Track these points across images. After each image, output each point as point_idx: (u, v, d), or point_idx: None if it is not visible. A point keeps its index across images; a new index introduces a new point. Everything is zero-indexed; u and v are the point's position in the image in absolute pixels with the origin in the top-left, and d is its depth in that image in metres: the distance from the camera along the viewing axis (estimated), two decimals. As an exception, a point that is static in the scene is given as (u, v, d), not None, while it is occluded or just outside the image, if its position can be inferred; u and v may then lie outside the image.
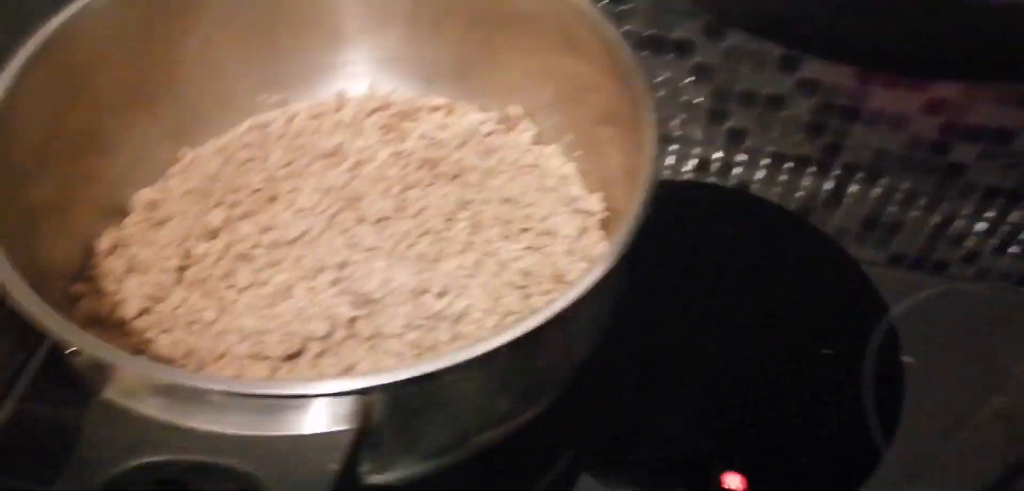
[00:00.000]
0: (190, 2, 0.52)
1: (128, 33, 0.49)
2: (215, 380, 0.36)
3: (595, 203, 0.52)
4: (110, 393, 0.34)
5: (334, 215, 0.50)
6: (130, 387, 0.34)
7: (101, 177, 0.50)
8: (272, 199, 0.51)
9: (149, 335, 0.45)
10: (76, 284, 0.47)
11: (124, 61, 0.49)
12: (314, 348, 0.45)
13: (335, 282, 0.46)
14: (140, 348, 0.44)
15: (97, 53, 0.48)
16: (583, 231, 0.51)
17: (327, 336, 0.45)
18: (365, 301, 0.46)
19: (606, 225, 0.51)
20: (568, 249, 0.50)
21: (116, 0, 0.48)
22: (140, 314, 0.45)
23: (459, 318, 0.46)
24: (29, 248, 0.41)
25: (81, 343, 0.34)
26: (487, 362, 0.35)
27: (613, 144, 0.50)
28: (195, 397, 0.33)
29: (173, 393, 0.33)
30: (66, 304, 0.45)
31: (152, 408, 0.34)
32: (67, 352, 0.35)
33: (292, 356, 0.45)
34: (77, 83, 0.47)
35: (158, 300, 0.46)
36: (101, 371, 0.34)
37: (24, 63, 0.43)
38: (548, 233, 0.51)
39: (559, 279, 0.49)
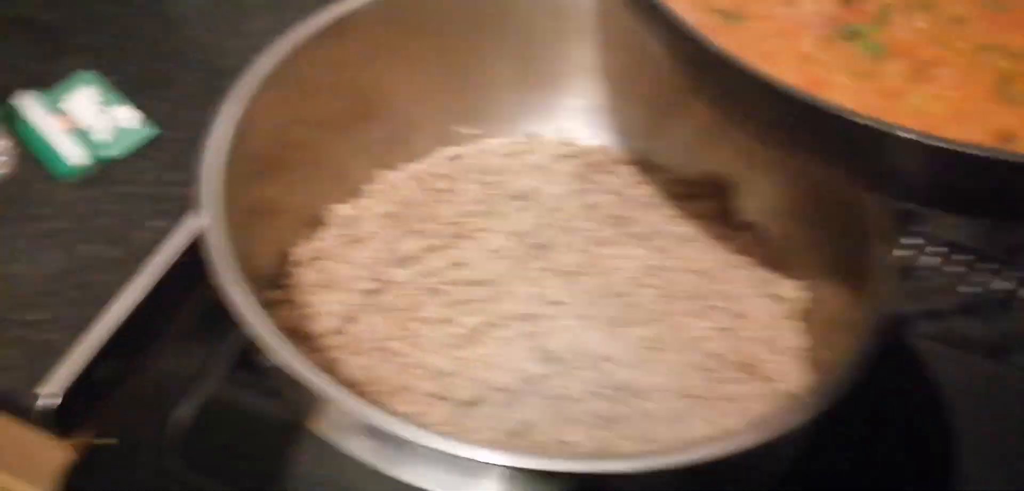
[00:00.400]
0: (401, 35, 0.52)
1: (345, 61, 0.50)
2: (458, 445, 0.34)
3: (793, 290, 0.49)
4: (317, 422, 0.35)
5: (524, 261, 0.50)
6: (339, 424, 0.34)
7: (305, 188, 0.51)
8: (463, 235, 0.51)
9: (338, 355, 0.46)
10: (273, 291, 0.48)
11: (338, 85, 0.51)
12: (495, 398, 0.44)
13: (523, 334, 0.46)
14: (329, 367, 0.45)
15: (318, 79, 0.49)
16: (778, 318, 0.49)
17: (510, 389, 0.44)
18: (551, 359, 0.45)
19: (807, 315, 0.48)
20: (761, 336, 0.48)
21: (337, 30, 0.49)
22: (331, 332, 0.46)
23: (643, 393, 0.45)
24: (242, 251, 0.42)
25: (317, 382, 0.34)
26: (693, 472, 0.33)
27: (821, 228, 0.48)
28: (411, 450, 0.32)
29: (385, 439, 0.33)
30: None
31: (358, 448, 0.34)
32: (285, 377, 0.35)
33: (472, 403, 0.44)
34: (299, 102, 0.48)
35: (350, 320, 0.47)
36: (319, 405, 0.34)
37: (261, 81, 0.45)
38: (740, 315, 0.49)
39: (750, 369, 0.47)
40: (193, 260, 0.51)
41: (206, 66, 0.63)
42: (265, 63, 0.46)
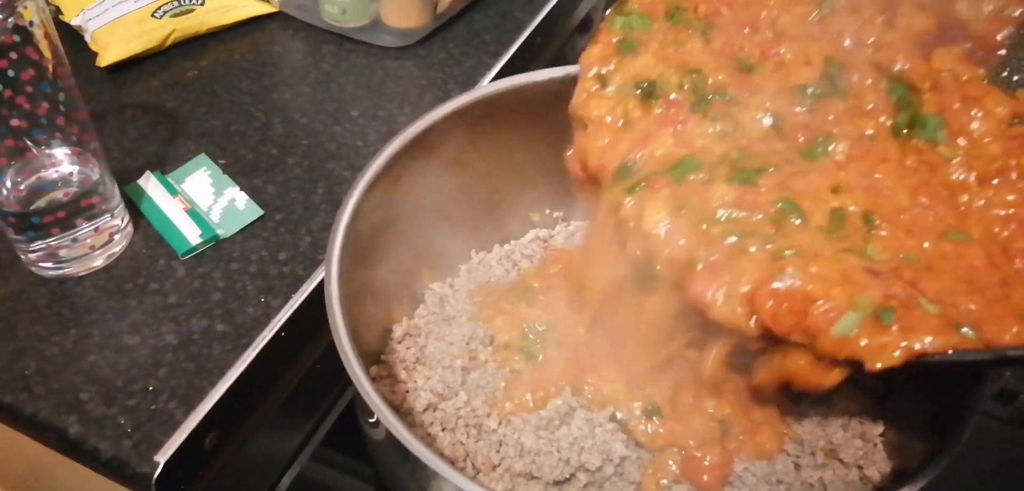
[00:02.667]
0: (498, 127, 0.55)
1: (442, 156, 0.53)
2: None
3: (873, 379, 0.49)
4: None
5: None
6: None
7: (406, 268, 0.53)
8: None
9: (432, 430, 0.47)
10: (375, 367, 0.50)
11: (441, 175, 0.53)
12: (582, 478, 0.45)
13: (612, 418, 0.46)
14: (424, 443, 0.46)
15: (417, 173, 0.52)
16: (862, 406, 0.48)
17: (597, 470, 0.45)
18: (637, 444, 0.46)
19: (884, 401, 0.48)
20: (844, 423, 0.47)
21: (442, 127, 0.52)
22: (427, 408, 0.48)
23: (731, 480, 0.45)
24: (351, 327, 0.44)
25: (428, 457, 0.36)
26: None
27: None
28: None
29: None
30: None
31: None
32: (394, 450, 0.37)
33: (560, 482, 0.45)
34: (402, 193, 0.51)
35: (443, 397, 0.48)
36: (425, 479, 0.35)
37: (370, 179, 0.48)
38: (823, 401, 0.48)
39: (832, 454, 0.46)
40: (291, 337, 0.55)
41: (309, 151, 0.67)
42: (374, 164, 0.49)
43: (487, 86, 0.55)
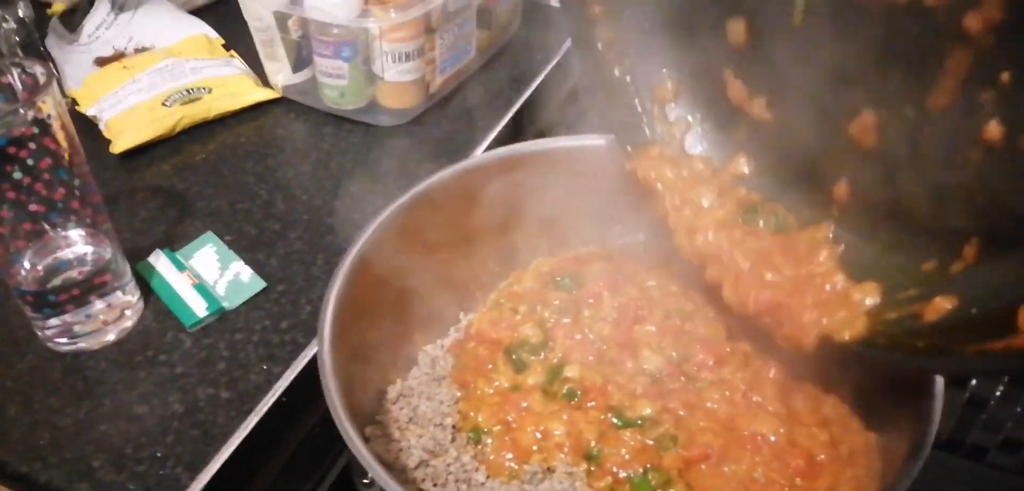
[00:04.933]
0: (468, 203, 0.58)
1: (430, 224, 0.57)
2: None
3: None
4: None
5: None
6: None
7: (398, 331, 0.56)
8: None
9: (424, 486, 0.49)
10: (370, 426, 0.52)
11: (425, 244, 0.57)
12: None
13: (588, 472, 0.48)
14: (415, 497, 0.48)
15: (411, 238, 0.55)
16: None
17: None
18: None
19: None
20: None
21: (429, 198, 0.56)
22: (418, 465, 0.50)
23: None
24: (345, 389, 0.47)
25: None
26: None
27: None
28: None
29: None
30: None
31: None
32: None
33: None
34: (392, 260, 0.54)
35: (434, 454, 0.51)
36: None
37: (361, 249, 0.52)
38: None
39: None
40: (293, 402, 0.57)
41: (310, 226, 0.71)
42: (364, 235, 0.52)
43: (475, 158, 0.58)
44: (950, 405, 0.44)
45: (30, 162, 0.53)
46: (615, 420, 0.50)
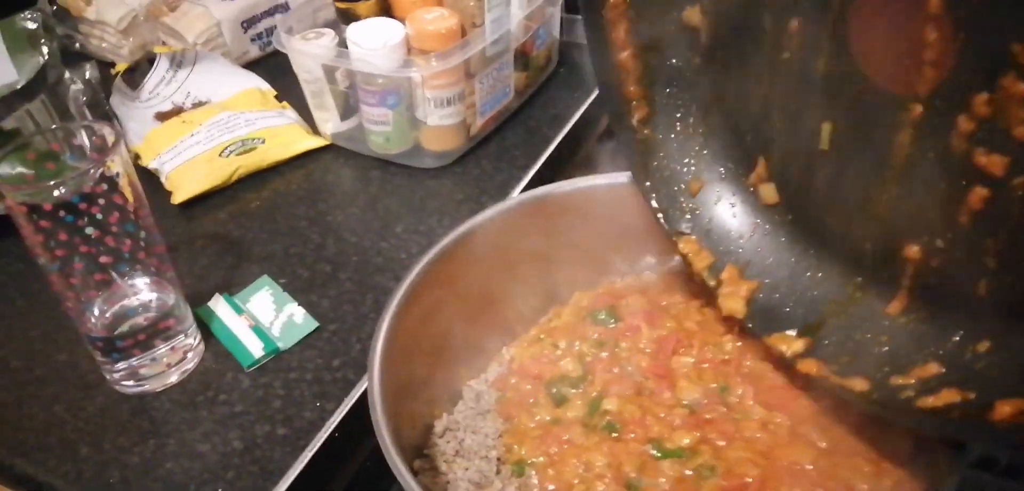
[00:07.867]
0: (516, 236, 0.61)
1: (475, 263, 0.59)
2: None
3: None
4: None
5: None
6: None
7: (444, 367, 0.58)
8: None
9: (471, 518, 0.51)
10: (418, 460, 0.54)
11: (469, 283, 0.59)
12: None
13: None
14: (462, 529, 0.50)
15: (454, 276, 0.58)
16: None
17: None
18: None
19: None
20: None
21: (472, 237, 0.59)
22: (474, 498, 0.52)
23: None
24: (393, 425, 0.49)
25: None
26: None
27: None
28: None
29: None
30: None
31: None
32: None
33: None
34: (438, 299, 0.57)
35: (481, 486, 0.53)
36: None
37: (407, 289, 0.54)
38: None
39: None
40: (345, 437, 0.60)
41: (359, 266, 0.74)
42: (409, 276, 0.55)
43: (512, 199, 0.61)
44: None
45: (100, 217, 0.57)
46: (654, 451, 0.51)
